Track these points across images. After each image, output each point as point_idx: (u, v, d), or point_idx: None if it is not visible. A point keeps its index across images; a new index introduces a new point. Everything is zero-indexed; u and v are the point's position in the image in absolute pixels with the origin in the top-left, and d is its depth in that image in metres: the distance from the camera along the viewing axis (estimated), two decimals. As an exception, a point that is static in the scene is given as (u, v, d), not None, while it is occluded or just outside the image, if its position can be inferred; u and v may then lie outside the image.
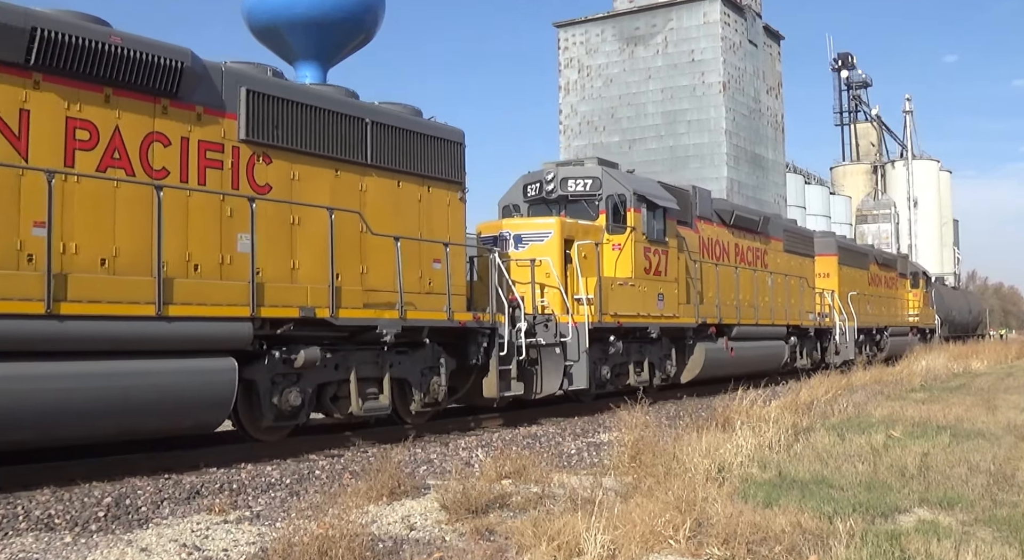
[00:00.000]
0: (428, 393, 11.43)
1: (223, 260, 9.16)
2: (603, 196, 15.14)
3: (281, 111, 9.79)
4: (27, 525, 6.54)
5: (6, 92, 7.68)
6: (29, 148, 7.83)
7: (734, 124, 52.91)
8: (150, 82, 8.62)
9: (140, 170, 8.60)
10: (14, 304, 7.35)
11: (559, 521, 5.61)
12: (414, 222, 11.37)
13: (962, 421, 11.55)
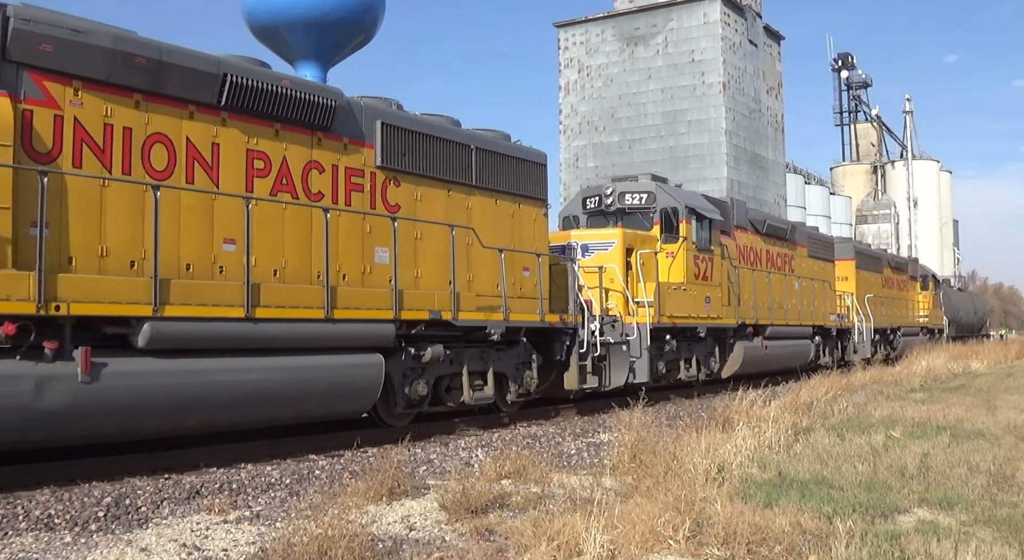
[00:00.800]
0: (521, 385, 12.96)
1: (364, 270, 10.69)
2: (657, 209, 16.80)
3: (407, 140, 11.34)
4: (27, 525, 6.54)
5: (203, 129, 9.17)
6: (220, 176, 9.29)
7: (734, 124, 52.92)
8: (310, 118, 10.15)
9: (302, 194, 10.12)
10: (221, 309, 8.87)
11: (559, 521, 5.61)
12: (508, 235, 12.87)
13: (962, 421, 11.55)
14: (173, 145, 8.96)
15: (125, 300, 8.14)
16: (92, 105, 8.36)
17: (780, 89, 59.90)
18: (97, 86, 8.37)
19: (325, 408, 10.21)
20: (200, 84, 9.07)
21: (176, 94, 8.94)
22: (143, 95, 8.72)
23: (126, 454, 9.12)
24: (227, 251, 9.17)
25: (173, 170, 8.93)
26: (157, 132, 8.82)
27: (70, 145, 8.19)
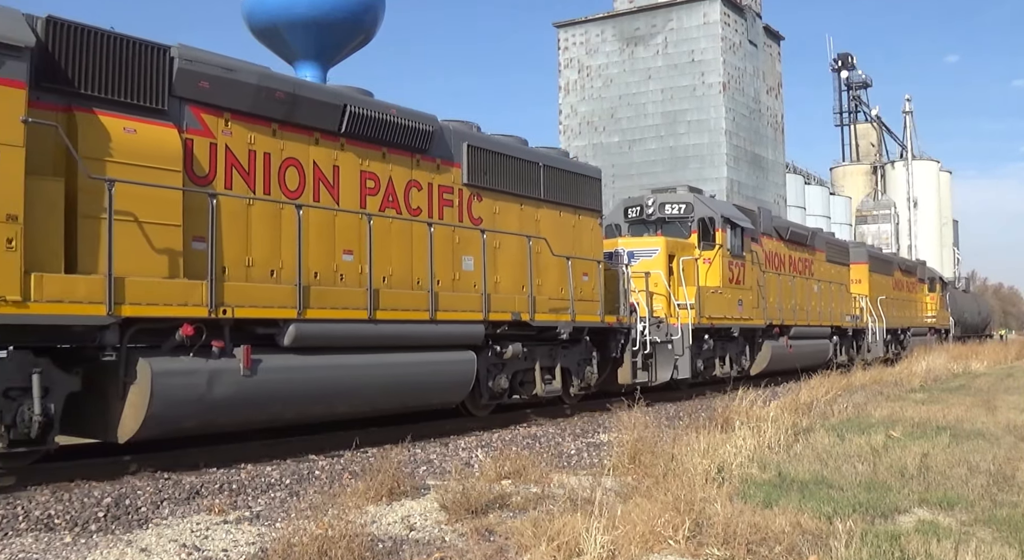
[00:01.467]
0: (583, 379, 14.24)
1: (454, 277, 11.90)
2: (695, 218, 18.11)
3: (487, 160, 12.64)
4: (27, 525, 6.54)
5: (326, 153, 10.43)
6: (340, 195, 10.54)
7: (734, 124, 52.93)
8: (410, 142, 11.41)
9: (404, 209, 11.38)
10: (349, 312, 10.16)
11: (559, 521, 5.61)
12: (570, 244, 14.12)
13: (962, 421, 11.55)
14: (303, 168, 10.21)
15: (273, 305, 9.45)
16: (239, 134, 9.59)
17: (780, 89, 59.92)
18: (243, 117, 9.57)
19: (428, 398, 11.59)
20: (325, 114, 10.37)
21: (305, 123, 10.20)
22: (279, 124, 9.96)
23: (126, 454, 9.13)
24: (346, 261, 10.50)
25: (303, 190, 10.17)
26: (290, 157, 10.10)
27: (222, 169, 9.39)
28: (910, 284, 34.82)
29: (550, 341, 13.40)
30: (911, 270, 35.97)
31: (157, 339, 8.56)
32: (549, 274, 13.51)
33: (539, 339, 13.21)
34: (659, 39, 53.96)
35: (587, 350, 14.24)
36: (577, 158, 15.78)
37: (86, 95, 8.25)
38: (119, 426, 8.32)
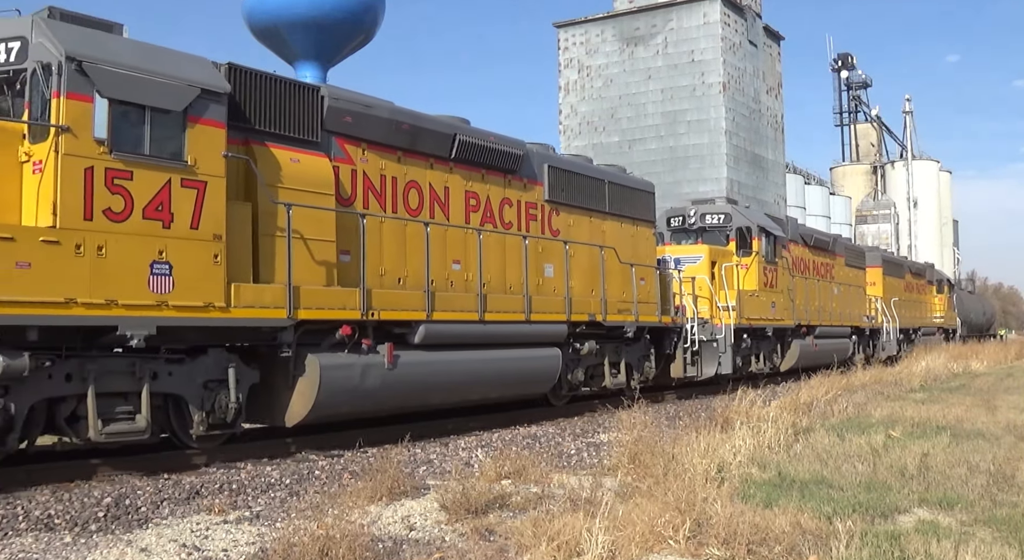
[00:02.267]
0: (642, 373, 15.79)
1: (538, 283, 13.47)
2: (733, 227, 19.93)
3: (564, 179, 14.33)
4: (27, 525, 6.54)
5: (439, 176, 12.06)
6: (449, 212, 12.16)
7: (734, 124, 52.90)
8: (503, 165, 13.11)
9: (499, 224, 13.03)
10: (464, 314, 11.81)
11: (559, 521, 5.61)
12: (631, 252, 15.72)
13: (962, 421, 11.55)
14: (421, 189, 11.81)
15: (407, 308, 11.00)
16: (373, 161, 11.14)
17: (780, 89, 59.89)
18: (376, 146, 11.16)
19: (523, 389, 13.10)
20: (439, 143, 12.01)
21: (423, 150, 11.82)
22: (403, 152, 11.57)
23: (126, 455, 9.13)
24: (455, 270, 12.10)
25: (422, 208, 11.78)
26: (412, 180, 11.69)
27: (361, 192, 10.93)
28: (920, 286, 36.53)
29: (616, 339, 15.07)
30: (921, 273, 37.77)
31: (318, 338, 9.95)
32: (614, 279, 15.11)
33: (607, 337, 14.81)
34: (659, 39, 53.94)
35: (646, 347, 16.00)
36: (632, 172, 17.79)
37: (260, 131, 9.72)
38: (287, 412, 9.74)
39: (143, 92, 8.30)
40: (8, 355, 7.37)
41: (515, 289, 12.89)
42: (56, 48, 7.89)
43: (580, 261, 14.32)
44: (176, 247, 8.47)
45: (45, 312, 7.60)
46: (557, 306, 13.50)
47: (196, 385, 8.95)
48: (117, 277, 8.04)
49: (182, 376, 8.84)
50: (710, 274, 18.19)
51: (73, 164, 7.85)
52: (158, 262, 8.35)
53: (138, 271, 8.20)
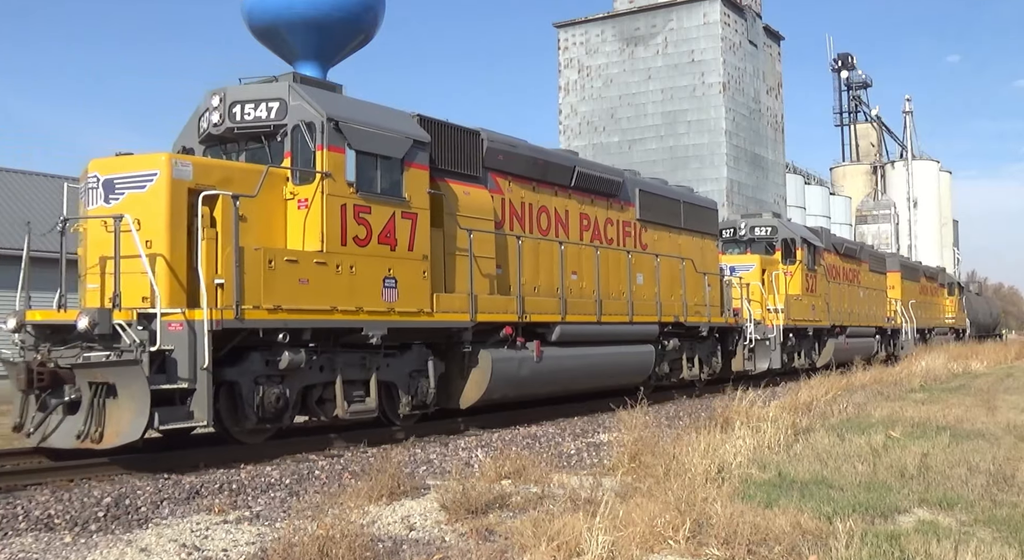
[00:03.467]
0: (710, 366, 18.27)
1: (633, 290, 15.56)
2: (779, 239, 22.54)
3: (650, 200, 16.60)
4: (27, 525, 6.54)
5: (561, 201, 14.26)
6: (568, 230, 14.33)
7: (734, 124, 52.90)
8: (607, 190, 15.41)
9: (603, 240, 15.18)
10: (586, 317, 14.18)
11: (559, 521, 5.61)
12: (700, 262, 17.93)
13: (962, 421, 11.55)
14: (549, 213, 13.96)
15: (547, 312, 13.33)
16: (515, 191, 13.30)
17: (780, 89, 59.87)
18: (518, 178, 13.31)
19: (626, 379, 14.93)
20: (562, 174, 14.28)
21: (551, 180, 14.03)
22: (536, 182, 13.71)
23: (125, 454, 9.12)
24: (573, 279, 14.23)
25: (550, 229, 13.97)
26: (542, 205, 13.85)
27: (508, 217, 13.05)
28: (933, 289, 39.06)
29: (691, 337, 17.38)
30: (934, 276, 40.32)
31: (484, 336, 12.13)
32: (690, 285, 17.31)
33: (684, 335, 17.11)
34: (659, 39, 53.93)
35: (714, 344, 18.42)
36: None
37: (443, 169, 11.75)
38: (462, 396, 11.96)
39: (376, 144, 10.49)
40: (292, 350, 9.44)
41: (617, 295, 15.20)
42: (317, 111, 9.99)
43: (664, 271, 16.57)
44: (399, 265, 10.69)
45: (317, 318, 9.76)
46: (650, 309, 15.92)
47: (404, 374, 11.19)
48: (362, 289, 10.25)
49: (395, 367, 11.04)
50: (760, 280, 20.50)
51: (333, 202, 9.95)
52: (388, 278, 10.58)
53: (375, 284, 10.42)
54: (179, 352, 8.56)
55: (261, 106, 10.16)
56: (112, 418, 8.39)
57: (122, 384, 8.31)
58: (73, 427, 8.54)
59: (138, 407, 8.24)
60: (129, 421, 8.30)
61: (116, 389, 8.36)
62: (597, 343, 14.33)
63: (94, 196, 9.23)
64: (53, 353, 8.80)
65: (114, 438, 8.37)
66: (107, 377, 8.38)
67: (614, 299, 14.98)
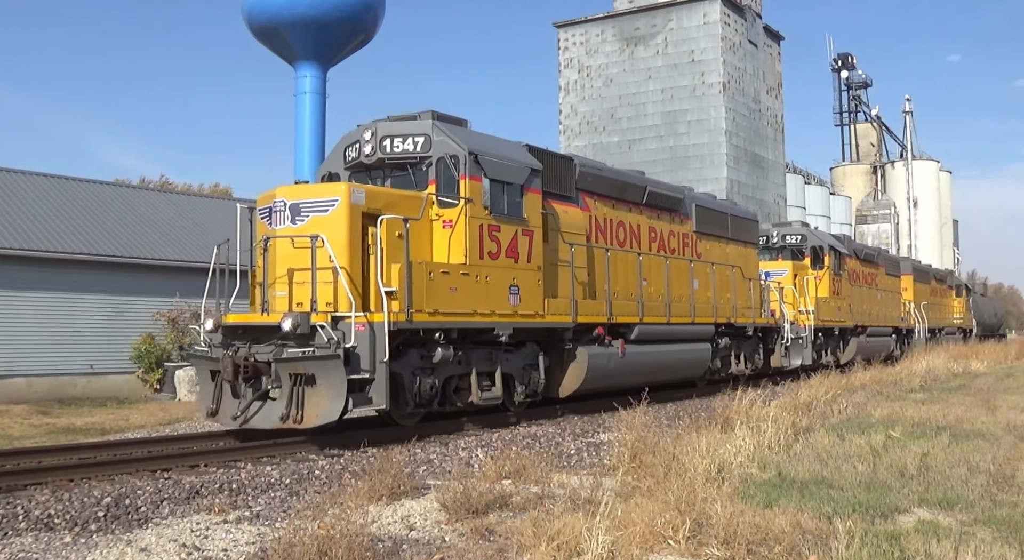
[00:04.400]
0: (753, 362, 20.16)
1: (690, 294, 17.34)
2: (808, 246, 24.35)
3: (704, 214, 18.47)
4: (27, 525, 6.54)
5: (634, 217, 15.99)
6: (640, 242, 16.10)
7: (734, 124, 52.89)
8: (671, 206, 17.22)
9: (667, 251, 16.94)
10: (657, 318, 15.90)
11: (559, 521, 5.61)
12: (745, 268, 19.86)
13: (962, 421, 11.54)
14: (625, 227, 15.68)
15: (628, 314, 15.07)
16: (600, 208, 14.99)
17: (780, 89, 59.86)
18: (601, 197, 15.07)
19: (687, 373, 17.32)
20: (636, 192, 16.09)
21: (627, 198, 15.81)
22: (614, 201, 15.46)
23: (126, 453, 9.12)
24: (643, 285, 15.77)
25: (626, 241, 15.67)
26: (620, 220, 15.57)
27: (594, 231, 14.77)
28: (942, 291, 40.95)
29: (738, 336, 19.28)
30: (943, 279, 42.27)
31: (579, 335, 13.79)
32: (738, 290, 19.28)
33: (732, 334, 18.88)
34: (659, 39, 53.94)
35: (756, 342, 20.47)
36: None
37: (548, 191, 13.37)
38: (561, 387, 13.73)
39: (504, 173, 12.26)
40: (443, 347, 11.19)
41: (679, 299, 16.93)
42: (459, 145, 11.70)
43: (717, 277, 18.45)
44: (520, 275, 12.50)
45: (463, 319, 11.49)
46: (707, 312, 17.80)
47: (520, 367, 12.94)
48: (494, 296, 11.98)
49: (513, 361, 12.80)
50: (793, 284, 22.60)
51: (473, 223, 11.68)
52: (512, 285, 12.34)
53: (504, 291, 12.18)
54: (361, 348, 10.11)
55: (408, 140, 11.87)
56: (311, 403, 9.86)
57: (322, 375, 9.82)
58: (273, 412, 10.04)
59: (336, 393, 9.79)
60: (327, 405, 9.82)
61: (315, 379, 9.84)
62: (667, 341, 16.17)
63: (281, 217, 10.78)
64: (253, 349, 10.32)
65: (314, 419, 9.86)
66: (308, 369, 9.86)
67: (677, 303, 16.79)
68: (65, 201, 23.32)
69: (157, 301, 21.54)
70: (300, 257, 10.37)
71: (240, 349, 10.37)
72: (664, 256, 16.56)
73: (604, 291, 14.55)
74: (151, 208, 25.38)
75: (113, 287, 21.26)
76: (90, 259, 20.89)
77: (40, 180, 24.26)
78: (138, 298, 21.54)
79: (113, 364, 21.00)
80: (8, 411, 16.98)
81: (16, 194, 22.56)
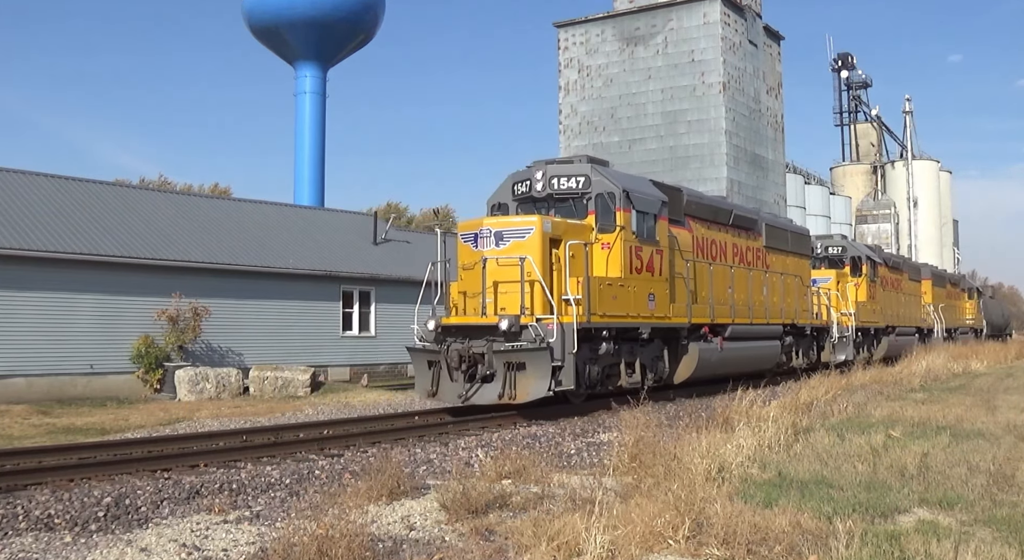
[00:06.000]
0: (808, 356, 23.31)
1: (761, 300, 20.41)
2: (848, 256, 28.12)
3: (772, 232, 21.72)
4: (27, 525, 6.54)
5: (722, 236, 18.84)
6: (727, 257, 19.04)
7: (734, 124, 52.89)
8: (747, 226, 20.41)
9: (746, 263, 19.93)
10: (744, 319, 19.04)
11: (559, 521, 5.61)
12: (802, 276, 23.19)
13: (962, 421, 11.54)
14: (717, 245, 18.62)
15: (724, 316, 18.15)
16: (699, 230, 17.97)
17: (780, 89, 59.86)
18: (700, 221, 18.11)
19: (763, 366, 20.31)
20: (725, 215, 19.29)
21: (717, 221, 18.91)
22: (709, 223, 18.48)
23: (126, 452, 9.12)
24: (728, 292, 18.63)
25: (718, 257, 18.56)
26: (712, 239, 18.49)
27: (696, 249, 17.62)
28: (956, 294, 44.52)
29: (798, 335, 22.50)
30: (956, 282, 46.10)
31: (687, 333, 16.71)
32: (798, 295, 22.51)
33: (793, 333, 22.12)
34: (659, 39, 53.94)
35: (811, 340, 23.67)
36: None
37: (668, 218, 16.18)
38: (676, 375, 16.76)
39: (646, 205, 15.49)
40: (606, 342, 14.27)
41: (756, 304, 20.05)
42: (615, 185, 14.92)
43: (784, 285, 21.75)
44: (655, 286, 15.63)
45: (620, 321, 14.70)
46: (776, 314, 21.07)
47: (650, 358, 16.00)
48: (639, 302, 15.15)
49: (646, 353, 15.88)
50: (836, 290, 25.57)
51: (626, 245, 14.90)
52: (650, 294, 15.43)
53: (644, 299, 15.31)
54: (556, 343, 13.00)
55: (572, 179, 14.96)
56: (521, 384, 12.87)
57: (531, 362, 12.82)
58: (491, 391, 13.03)
59: (543, 376, 12.81)
60: (535, 386, 12.81)
61: (525, 366, 12.83)
62: (750, 339, 19.29)
63: (487, 242, 13.79)
64: (469, 344, 13.30)
65: (525, 397, 12.91)
66: (520, 358, 12.85)
67: (755, 307, 19.86)
68: (65, 201, 23.31)
69: (157, 301, 21.54)
70: (504, 272, 13.39)
71: (452, 343, 13.35)
72: (745, 268, 19.76)
73: (706, 297, 17.55)
74: (151, 208, 25.36)
75: (113, 287, 21.25)
76: (90, 259, 20.87)
77: (40, 180, 24.25)
78: (138, 298, 21.53)
79: (113, 364, 21.00)
80: (8, 411, 16.98)
81: (16, 194, 22.55)
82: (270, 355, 23.54)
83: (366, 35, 47.90)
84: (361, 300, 27.08)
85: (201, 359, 22.20)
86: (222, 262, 23.53)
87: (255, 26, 46.13)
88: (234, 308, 23.45)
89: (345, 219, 32.76)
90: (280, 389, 21.25)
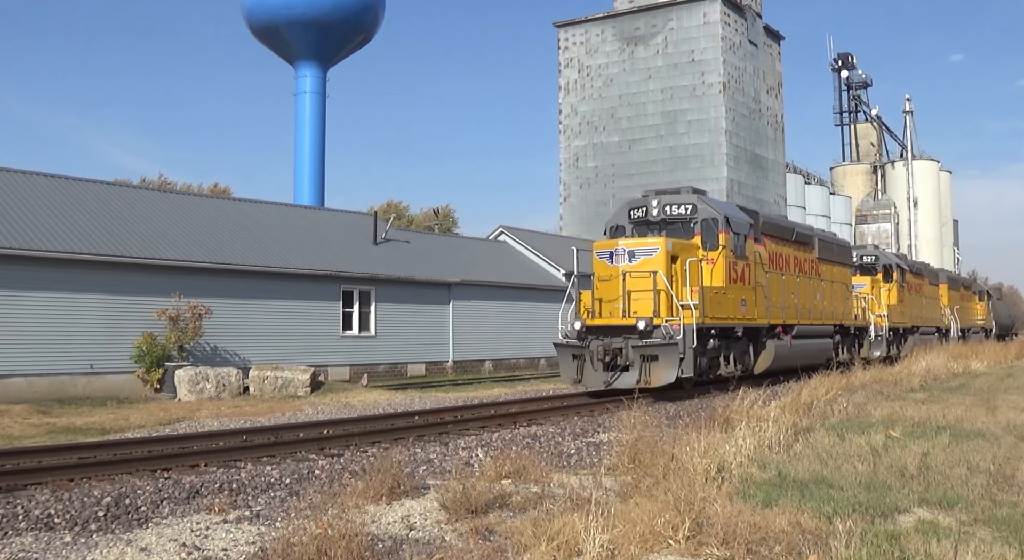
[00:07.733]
0: (850, 352, 26.12)
1: (818, 304, 23.41)
2: (881, 264, 31.25)
3: (823, 245, 24.47)
4: (27, 525, 6.54)
5: (785, 250, 21.82)
6: (790, 268, 21.84)
7: (734, 124, 52.87)
8: (803, 240, 23.08)
9: (804, 273, 22.76)
10: (807, 320, 22.45)
11: (559, 521, 5.61)
12: (846, 283, 26.45)
13: (962, 421, 11.54)
14: (783, 258, 21.31)
15: (791, 318, 21.13)
16: (770, 245, 20.51)
17: (780, 89, 59.86)
18: (771, 237, 20.76)
19: (819, 360, 22.06)
20: (789, 233, 22.17)
21: (783, 237, 21.61)
22: (776, 239, 21.11)
23: (126, 452, 9.12)
24: (793, 298, 21.48)
25: (784, 268, 21.28)
26: (780, 253, 21.17)
27: (769, 261, 20.21)
28: (968, 296, 47.77)
29: (844, 334, 25.63)
30: (968, 285, 49.73)
31: (764, 332, 19.56)
32: (845, 300, 25.72)
33: (841, 333, 25.24)
34: (659, 39, 53.92)
35: (853, 338, 26.82)
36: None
37: (746, 235, 18.75)
38: (756, 366, 19.46)
39: (740, 227, 18.46)
40: (713, 338, 17.14)
41: (813, 307, 22.88)
42: (717, 212, 17.97)
43: (833, 291, 24.70)
44: (746, 293, 18.52)
45: (723, 322, 17.44)
46: (828, 316, 24.13)
47: (739, 352, 18.69)
48: (734, 306, 17.90)
49: (735, 347, 18.56)
50: (871, 294, 28.75)
51: (727, 261, 17.72)
52: (742, 299, 18.31)
53: (738, 303, 18.19)
54: (680, 339, 15.71)
55: (681, 206, 18.09)
56: (655, 373, 15.69)
57: (663, 355, 15.67)
58: (629, 378, 15.67)
59: (672, 366, 15.67)
60: (666, 373, 15.65)
61: (658, 357, 15.68)
62: (810, 337, 22.21)
63: (622, 259, 16.73)
64: (608, 340, 16.01)
65: (658, 382, 15.65)
66: (654, 352, 15.73)
67: (813, 310, 22.79)
68: (65, 201, 23.31)
69: (157, 301, 21.54)
70: (637, 283, 16.38)
71: (594, 340, 16.14)
72: (804, 277, 22.62)
73: (778, 302, 20.46)
74: (151, 208, 25.37)
75: (113, 287, 21.26)
76: (90, 259, 20.88)
77: (40, 180, 24.26)
78: (138, 298, 21.53)
79: (113, 364, 21.00)
80: (8, 411, 16.98)
81: (16, 194, 22.56)
82: (270, 355, 23.55)
83: (366, 35, 47.90)
84: (361, 300, 27.08)
85: (201, 359, 22.20)
86: (222, 262, 23.53)
87: (255, 26, 46.13)
88: (234, 308, 23.45)
89: (345, 219, 32.76)
90: (280, 389, 21.25)
